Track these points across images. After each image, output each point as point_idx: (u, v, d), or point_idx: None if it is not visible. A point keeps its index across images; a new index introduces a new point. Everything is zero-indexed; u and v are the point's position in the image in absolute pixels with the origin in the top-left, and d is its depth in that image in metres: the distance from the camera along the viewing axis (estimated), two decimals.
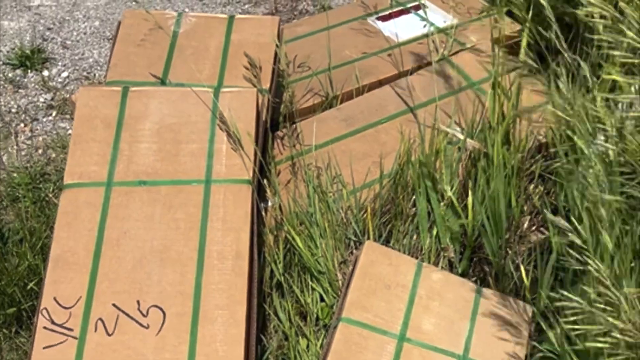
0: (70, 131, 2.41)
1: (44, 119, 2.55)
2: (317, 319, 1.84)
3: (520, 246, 1.91)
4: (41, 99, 2.62)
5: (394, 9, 2.50)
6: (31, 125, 2.52)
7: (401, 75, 2.30)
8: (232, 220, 1.74)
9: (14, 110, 2.57)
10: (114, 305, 1.64)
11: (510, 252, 1.87)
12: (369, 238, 1.87)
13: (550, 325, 1.64)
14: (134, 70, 2.04)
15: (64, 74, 2.71)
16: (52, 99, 2.62)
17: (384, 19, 2.49)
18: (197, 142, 1.83)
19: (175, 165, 1.80)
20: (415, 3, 2.50)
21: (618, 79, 1.65)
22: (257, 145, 1.86)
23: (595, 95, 1.58)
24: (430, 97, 2.15)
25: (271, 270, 1.87)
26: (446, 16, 2.45)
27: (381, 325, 1.67)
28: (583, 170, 1.49)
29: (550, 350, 1.64)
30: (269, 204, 1.92)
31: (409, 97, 2.19)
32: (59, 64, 2.75)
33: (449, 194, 1.87)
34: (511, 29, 2.32)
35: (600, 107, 1.56)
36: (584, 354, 1.55)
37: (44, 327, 1.61)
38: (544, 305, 1.75)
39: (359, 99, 2.23)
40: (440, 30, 2.39)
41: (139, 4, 3.01)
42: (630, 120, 1.50)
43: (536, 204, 1.94)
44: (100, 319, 1.62)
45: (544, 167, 1.95)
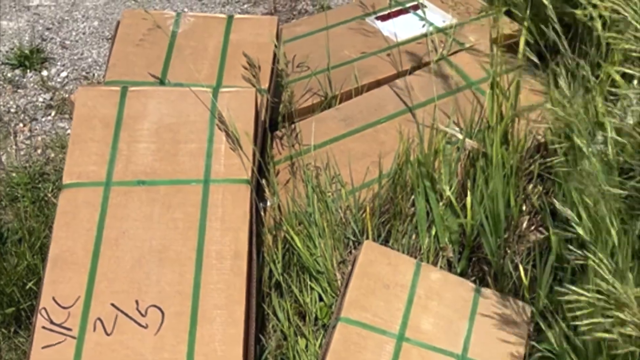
0: (69, 131, 2.41)
1: (43, 119, 2.55)
2: (316, 318, 1.84)
3: (519, 246, 1.91)
4: (40, 99, 2.62)
5: (393, 9, 2.49)
6: (30, 125, 2.52)
7: (400, 75, 2.29)
8: (231, 220, 1.74)
9: (13, 110, 2.57)
10: (112, 305, 1.64)
11: (509, 252, 1.87)
12: (367, 238, 1.87)
13: (549, 325, 1.64)
14: (132, 70, 2.04)
15: (63, 74, 2.71)
16: (51, 98, 2.62)
17: (383, 18, 2.48)
18: (196, 142, 1.83)
19: (174, 165, 1.80)
20: (414, 3, 2.50)
21: (617, 78, 1.65)
22: (256, 145, 1.86)
23: (594, 94, 1.58)
24: (429, 97, 2.15)
25: (270, 270, 1.87)
26: (445, 16, 2.45)
27: (380, 324, 1.67)
28: (582, 169, 1.49)
29: (549, 350, 1.64)
30: (268, 203, 1.92)
31: (407, 97, 2.19)
32: (58, 63, 2.75)
33: (447, 194, 1.87)
34: (510, 28, 2.32)
35: (599, 107, 1.56)
36: (583, 353, 1.55)
37: (43, 327, 1.61)
38: (542, 305, 1.75)
39: (358, 99, 2.23)
40: (439, 30, 2.39)
41: (138, 3, 3.01)
42: (628, 119, 1.50)
43: (535, 204, 1.94)
44: (99, 319, 1.62)
45: (543, 167, 1.95)
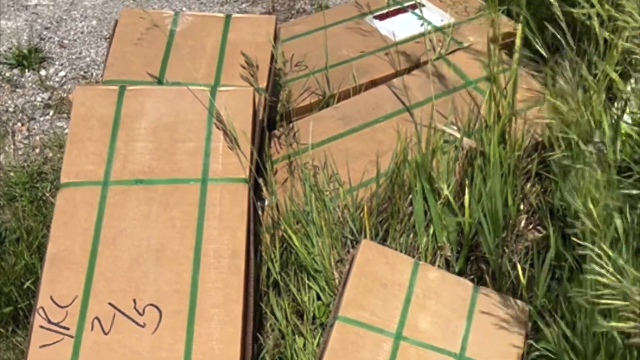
0: (67, 130, 2.40)
1: (41, 119, 2.54)
2: (314, 317, 1.84)
3: (517, 245, 1.91)
4: (38, 99, 2.61)
5: (391, 8, 2.49)
6: (28, 125, 2.52)
7: (398, 74, 2.29)
8: (229, 219, 1.74)
9: (11, 109, 2.57)
10: (110, 304, 1.64)
11: (507, 251, 1.87)
12: (365, 237, 1.87)
13: (547, 324, 1.64)
14: (130, 69, 2.04)
15: (61, 74, 2.71)
16: (50, 98, 2.62)
17: (381, 18, 2.48)
18: (194, 141, 1.83)
19: (172, 164, 1.80)
20: (412, 2, 2.49)
21: (615, 78, 1.65)
22: (254, 144, 1.86)
23: (592, 93, 1.58)
24: (427, 96, 2.15)
25: (268, 269, 1.87)
26: (443, 15, 2.45)
27: (378, 323, 1.67)
28: (580, 167, 1.49)
29: (547, 349, 1.64)
30: (266, 202, 1.92)
31: (405, 96, 2.19)
32: (57, 63, 2.75)
33: (445, 193, 1.87)
34: (508, 27, 2.32)
35: (596, 106, 1.56)
36: (582, 352, 1.55)
37: (41, 326, 1.61)
38: (540, 304, 1.75)
39: (356, 98, 2.23)
40: (438, 29, 2.39)
41: (137, 3, 3.01)
42: (626, 118, 1.50)
43: (533, 203, 1.94)
44: (97, 318, 1.62)
45: (541, 166, 1.95)
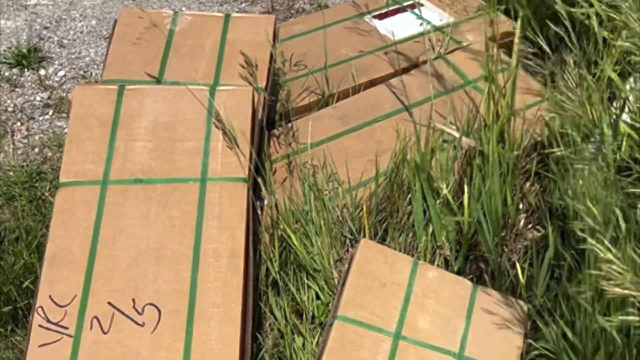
0: (66, 130, 2.40)
1: (41, 118, 2.54)
2: (313, 317, 1.84)
3: (516, 244, 1.91)
4: (38, 98, 2.61)
5: (390, 8, 2.49)
6: (27, 124, 2.52)
7: (397, 73, 2.29)
8: (228, 219, 1.74)
9: (10, 109, 2.57)
10: (109, 303, 1.64)
11: (506, 250, 1.87)
12: (364, 236, 1.87)
13: (547, 323, 1.64)
14: (130, 69, 2.04)
15: (61, 73, 2.71)
16: (49, 97, 2.62)
17: (380, 17, 2.48)
18: (193, 140, 1.83)
19: (171, 164, 1.80)
20: (411, 1, 2.50)
21: (613, 77, 1.65)
22: (253, 143, 1.86)
23: (591, 92, 1.58)
24: (426, 96, 2.15)
25: (267, 269, 1.87)
26: (442, 14, 2.45)
27: (377, 323, 1.67)
28: (581, 165, 1.49)
29: (546, 348, 1.64)
30: (265, 202, 1.92)
31: (404, 96, 2.19)
32: (56, 63, 2.75)
33: (444, 192, 1.87)
34: (507, 27, 2.32)
35: (596, 105, 1.56)
36: (581, 351, 1.55)
37: (40, 326, 1.61)
38: (540, 303, 1.75)
39: (355, 97, 2.23)
40: (437, 29, 2.39)
41: (136, 2, 3.01)
42: (624, 117, 1.50)
43: (532, 202, 1.94)
44: (96, 317, 1.62)
45: (540, 165, 1.95)
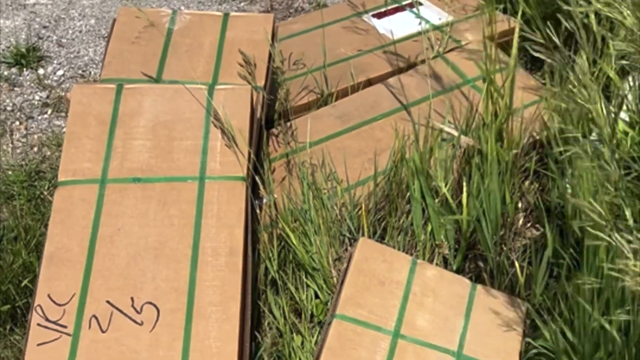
0: (65, 129, 2.40)
1: (39, 117, 2.54)
2: (312, 315, 1.84)
3: (515, 243, 1.91)
4: (36, 97, 2.61)
5: (389, 7, 2.49)
6: (26, 123, 2.52)
7: (396, 72, 2.29)
8: (227, 217, 1.74)
9: (9, 108, 2.57)
10: (108, 302, 1.63)
11: (505, 249, 1.87)
12: (363, 235, 1.87)
13: (545, 322, 1.64)
14: (128, 68, 2.04)
15: (60, 72, 2.70)
16: (48, 97, 2.61)
17: (379, 16, 2.48)
18: (192, 139, 1.83)
19: (170, 162, 1.80)
20: (410, 0, 2.50)
21: (612, 75, 1.66)
22: (252, 142, 1.86)
23: (590, 91, 1.58)
24: (425, 95, 2.15)
25: (265, 267, 1.87)
26: (441, 13, 2.45)
27: (375, 321, 1.67)
28: (584, 163, 1.48)
29: (545, 347, 1.64)
30: (264, 201, 1.92)
31: (403, 95, 2.19)
32: (55, 62, 2.75)
33: (443, 191, 1.87)
34: (506, 25, 2.32)
35: (594, 104, 1.56)
36: (580, 350, 1.55)
37: (38, 324, 1.61)
38: (538, 302, 1.75)
39: (354, 96, 2.23)
40: (436, 28, 2.39)
41: (135, 1, 3.01)
42: (623, 116, 1.50)
43: (530, 201, 1.94)
44: (94, 316, 1.62)
45: (539, 164, 1.95)
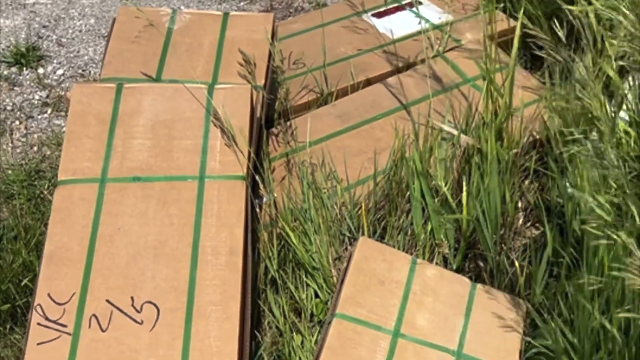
0: (65, 128, 2.40)
1: (39, 117, 2.54)
2: (312, 315, 1.84)
3: (514, 242, 1.91)
4: (36, 97, 2.61)
5: (389, 6, 2.49)
6: (26, 123, 2.52)
7: (396, 71, 2.29)
8: (226, 217, 1.74)
9: (9, 107, 2.57)
10: (107, 301, 1.63)
11: (505, 248, 1.87)
12: (363, 234, 1.87)
13: (545, 321, 1.64)
14: (128, 67, 2.04)
15: (59, 72, 2.70)
16: (48, 96, 2.61)
17: (378, 15, 2.48)
18: (191, 138, 1.83)
19: (169, 162, 1.80)
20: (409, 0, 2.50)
21: (611, 75, 1.65)
22: (252, 141, 1.86)
23: (590, 90, 1.58)
24: (425, 94, 2.15)
25: (265, 267, 1.87)
26: (441, 13, 2.45)
27: (375, 321, 1.67)
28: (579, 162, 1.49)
29: (545, 346, 1.64)
30: (264, 200, 1.92)
31: (403, 94, 2.19)
32: (55, 61, 2.75)
33: (443, 190, 1.87)
34: (506, 25, 2.32)
35: (594, 103, 1.56)
36: (580, 349, 1.55)
37: (38, 324, 1.61)
38: (538, 301, 1.75)
39: (354, 96, 2.23)
40: (435, 27, 2.39)
41: (135, 1, 3.01)
42: (622, 115, 1.50)
43: (530, 200, 1.94)
44: (94, 315, 1.62)
45: (538, 163, 1.95)
